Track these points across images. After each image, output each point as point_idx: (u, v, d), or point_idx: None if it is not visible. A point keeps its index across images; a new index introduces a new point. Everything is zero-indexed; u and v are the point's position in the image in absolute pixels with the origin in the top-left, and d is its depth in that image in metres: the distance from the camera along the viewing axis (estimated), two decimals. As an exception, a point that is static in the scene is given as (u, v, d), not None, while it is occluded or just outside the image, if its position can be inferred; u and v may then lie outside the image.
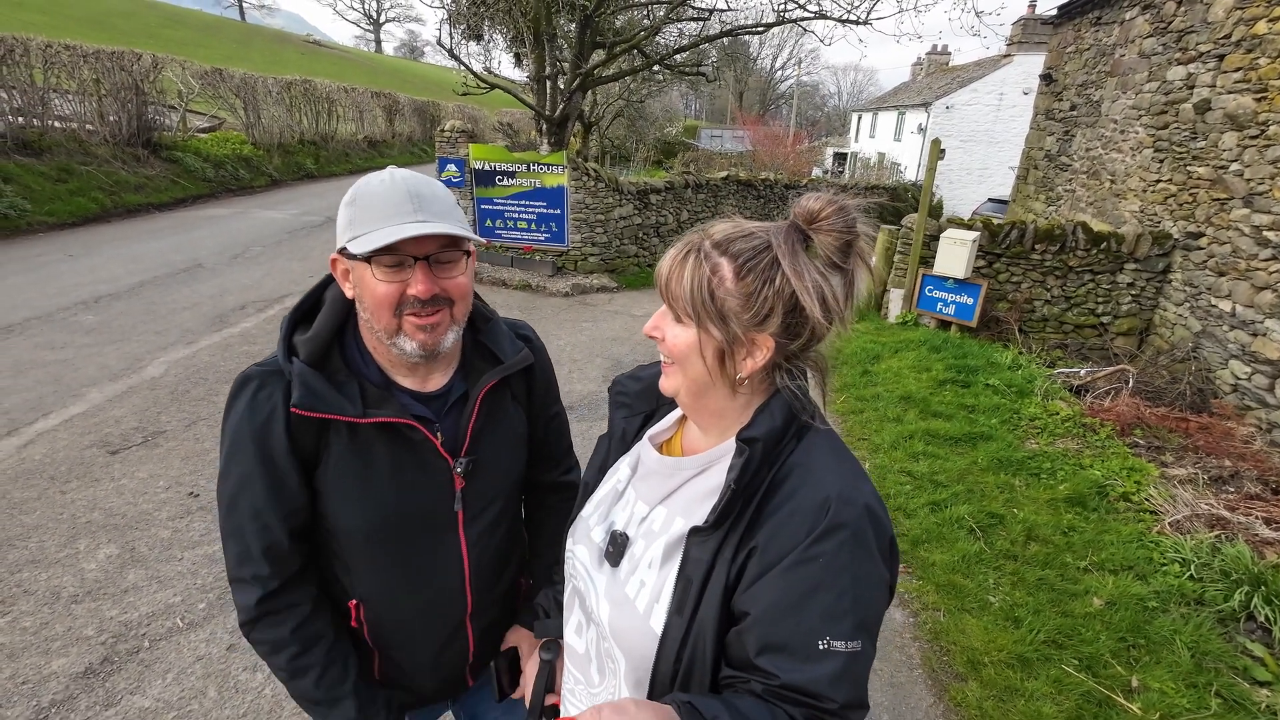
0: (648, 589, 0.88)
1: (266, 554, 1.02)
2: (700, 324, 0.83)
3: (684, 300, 0.83)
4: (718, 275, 0.82)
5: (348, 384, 1.03)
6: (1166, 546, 3.32)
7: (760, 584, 0.79)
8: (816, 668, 0.74)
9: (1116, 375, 5.96)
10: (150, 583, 2.89)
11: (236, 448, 1.01)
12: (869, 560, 0.79)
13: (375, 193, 0.98)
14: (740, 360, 0.85)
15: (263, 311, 6.55)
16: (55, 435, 4.00)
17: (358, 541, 1.08)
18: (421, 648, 1.18)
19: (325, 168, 17.72)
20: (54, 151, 10.66)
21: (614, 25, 13.18)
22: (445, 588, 1.15)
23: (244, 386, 1.03)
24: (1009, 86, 22.99)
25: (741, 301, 0.82)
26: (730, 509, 0.82)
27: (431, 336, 1.01)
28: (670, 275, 0.84)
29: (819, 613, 0.76)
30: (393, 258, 0.96)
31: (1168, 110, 7.09)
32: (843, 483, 0.81)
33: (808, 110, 53.02)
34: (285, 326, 1.06)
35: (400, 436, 1.05)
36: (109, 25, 27.46)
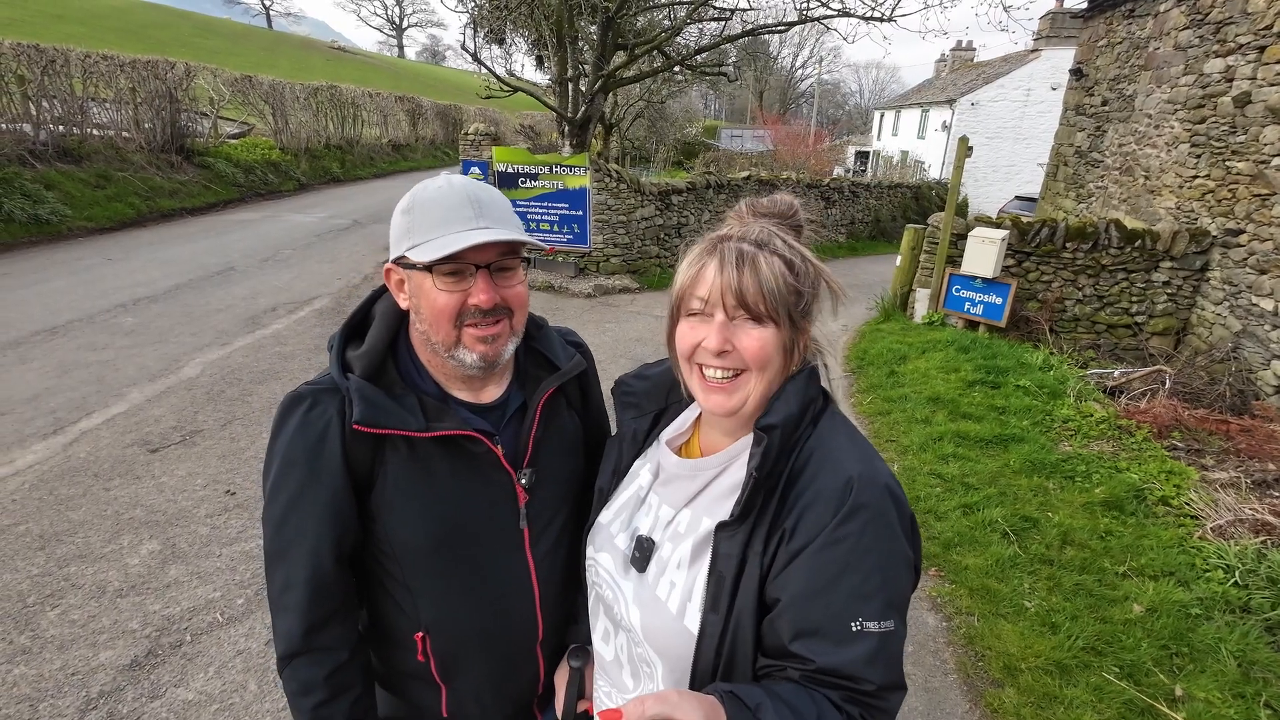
0: (679, 589, 0.88)
1: (311, 582, 0.97)
2: (780, 322, 0.85)
3: (766, 300, 0.83)
4: (781, 271, 0.84)
5: (406, 398, 0.99)
6: (1209, 552, 3.23)
7: (790, 569, 0.80)
8: (850, 650, 0.75)
9: (1153, 376, 5.82)
10: (191, 578, 2.96)
11: (288, 466, 0.97)
12: (893, 539, 0.80)
13: (434, 199, 0.96)
14: (798, 352, 0.89)
15: (293, 313, 6.68)
16: (98, 434, 4.12)
17: (420, 561, 1.03)
18: (490, 677, 1.11)
19: (351, 171, 18.01)
20: (92, 159, 10.98)
21: (635, 26, 13.21)
22: (514, 611, 1.10)
23: (295, 405, 0.99)
24: (1036, 82, 22.55)
25: (797, 293, 0.86)
26: (754, 499, 0.83)
27: (492, 348, 0.99)
28: (742, 279, 0.83)
29: (848, 594, 0.77)
30: (454, 266, 0.93)
31: (1205, 104, 6.90)
32: (862, 464, 0.83)
33: (829, 109, 52.57)
34: (337, 342, 1.04)
35: (461, 450, 1.01)
36: (145, 35, 28.22)
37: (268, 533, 1.00)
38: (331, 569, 0.99)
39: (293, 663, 0.99)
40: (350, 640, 1.03)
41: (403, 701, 1.16)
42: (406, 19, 75.26)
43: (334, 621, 1.01)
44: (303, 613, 0.98)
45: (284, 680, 1.01)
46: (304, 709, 0.99)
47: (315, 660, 0.99)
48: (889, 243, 14.83)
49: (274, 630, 1.01)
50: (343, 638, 1.02)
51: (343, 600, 1.02)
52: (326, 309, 6.91)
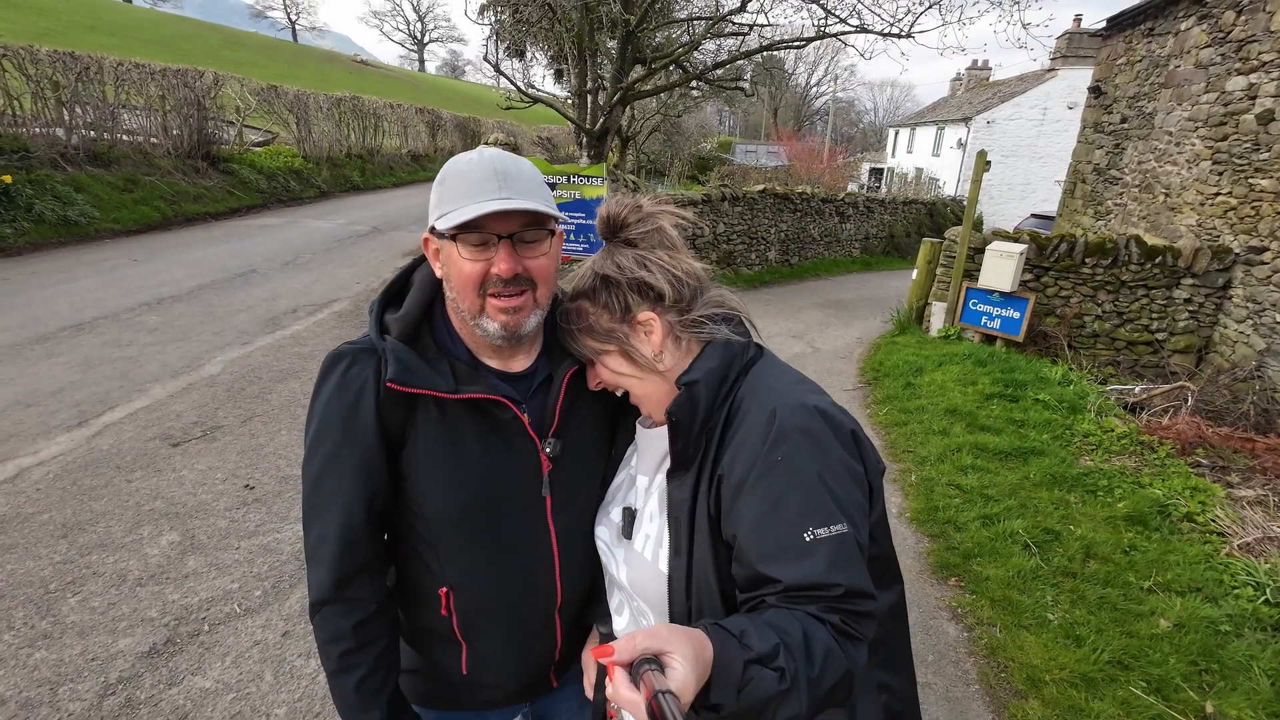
0: (651, 539, 0.98)
1: (343, 537, 1.01)
2: (599, 350, 1.01)
3: (579, 343, 1.03)
4: (582, 312, 1.02)
5: (438, 361, 1.03)
6: (1238, 569, 3.17)
7: (738, 504, 0.86)
8: (810, 561, 0.79)
9: (1175, 393, 5.74)
10: (209, 569, 2.98)
11: (325, 425, 1.01)
12: (827, 452, 0.85)
13: (462, 170, 0.98)
14: (643, 346, 0.98)
15: (313, 315, 6.76)
16: (121, 427, 4.17)
17: (447, 522, 1.06)
18: (509, 640, 1.15)
19: (370, 180, 18.27)
20: (121, 163, 11.22)
21: (654, 41, 13.36)
22: (535, 576, 1.12)
23: (335, 364, 1.03)
24: (1053, 101, 22.54)
25: (605, 311, 1.00)
26: (676, 444, 0.91)
27: (513, 319, 1.00)
28: (564, 341, 1.06)
29: (795, 510, 0.81)
30: (477, 236, 0.96)
31: (1227, 122, 6.86)
32: (786, 394, 0.90)
33: (843, 126, 52.74)
34: (376, 306, 1.07)
35: (489, 415, 1.04)
36: (175, 47, 28.92)
37: (306, 487, 1.04)
38: (362, 525, 1.03)
39: (323, 610, 1.04)
40: (378, 594, 1.07)
41: (426, 658, 1.19)
42: (428, 34, 76.66)
43: (363, 575, 1.05)
44: (334, 565, 1.02)
45: (315, 627, 1.06)
46: (332, 656, 1.04)
47: (344, 610, 1.04)
48: (903, 258, 14.79)
49: (308, 579, 1.05)
50: (371, 591, 1.06)
51: (372, 555, 1.06)
52: (346, 312, 6.98)
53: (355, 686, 1.04)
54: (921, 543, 3.54)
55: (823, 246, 13.52)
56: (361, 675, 1.04)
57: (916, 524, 3.72)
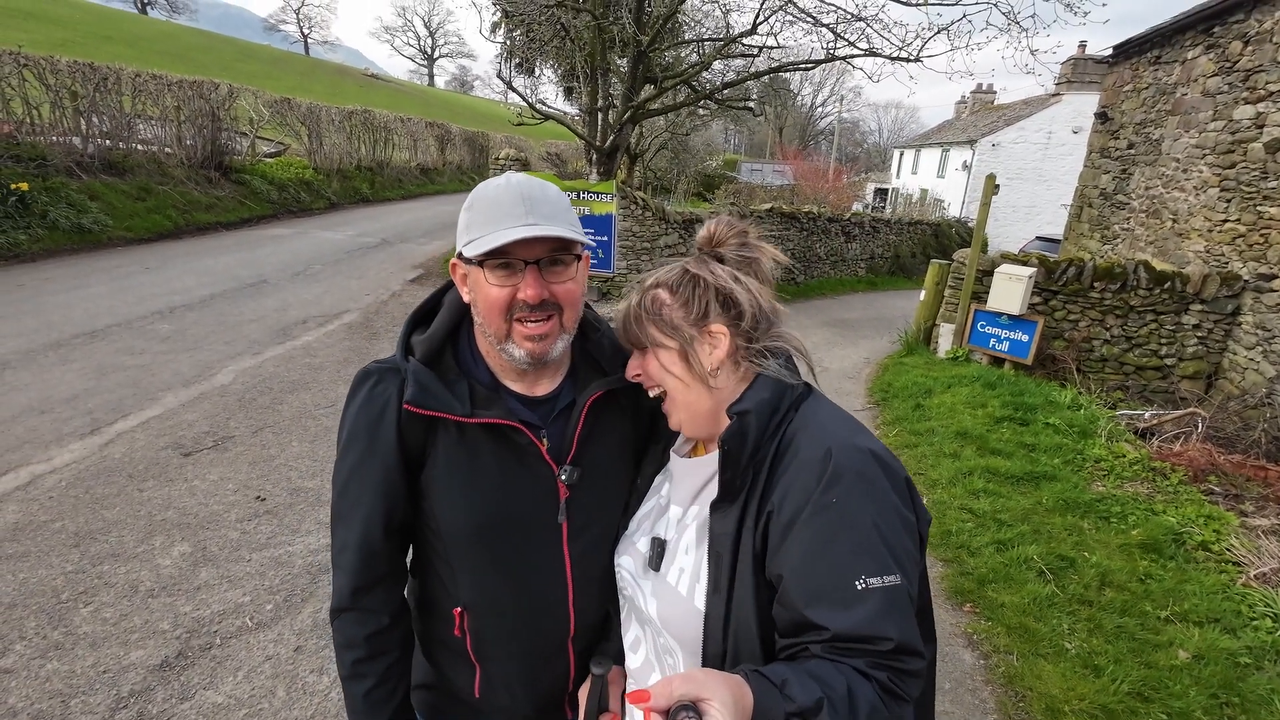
0: (687, 573, 0.94)
1: (361, 547, 1.04)
2: (659, 341, 0.98)
3: (642, 328, 0.99)
4: (658, 300, 0.99)
5: (458, 384, 1.04)
6: (1255, 599, 3.14)
7: (786, 543, 0.82)
8: (861, 609, 0.76)
9: (1185, 419, 5.72)
10: (221, 581, 2.97)
11: (352, 438, 1.05)
12: (883, 497, 0.82)
13: (489, 197, 1.00)
14: (704, 355, 0.96)
15: (323, 326, 6.78)
16: (134, 436, 4.18)
17: (462, 543, 1.08)
18: (521, 665, 1.14)
19: (380, 193, 18.43)
20: (135, 172, 11.34)
21: (664, 61, 13.53)
22: (548, 602, 1.12)
23: (364, 381, 1.06)
24: (1058, 125, 22.73)
25: (682, 308, 0.97)
26: (727, 471, 0.88)
27: (540, 346, 1.01)
28: (625, 320, 1.02)
29: (847, 554, 0.78)
30: (503, 261, 0.97)
31: (1235, 149, 6.91)
32: (841, 434, 0.87)
33: (848, 146, 53.15)
34: (405, 326, 1.10)
35: (506, 439, 1.05)
36: (189, 59, 29.35)
37: (334, 494, 1.08)
38: (380, 538, 1.05)
39: (340, 617, 1.08)
40: (392, 608, 1.10)
41: (441, 675, 1.20)
42: (438, 50, 77.72)
43: (379, 587, 1.08)
44: (352, 573, 1.06)
45: (334, 632, 1.10)
46: (345, 662, 1.08)
47: (359, 619, 1.07)
48: (909, 278, 14.83)
49: (332, 583, 1.09)
50: (385, 603, 1.09)
51: (389, 569, 1.09)
52: (355, 323, 7.01)
53: (364, 695, 1.07)
54: (935, 567, 3.52)
55: (829, 265, 13.58)
56: (370, 685, 1.07)
57: (930, 548, 3.69)
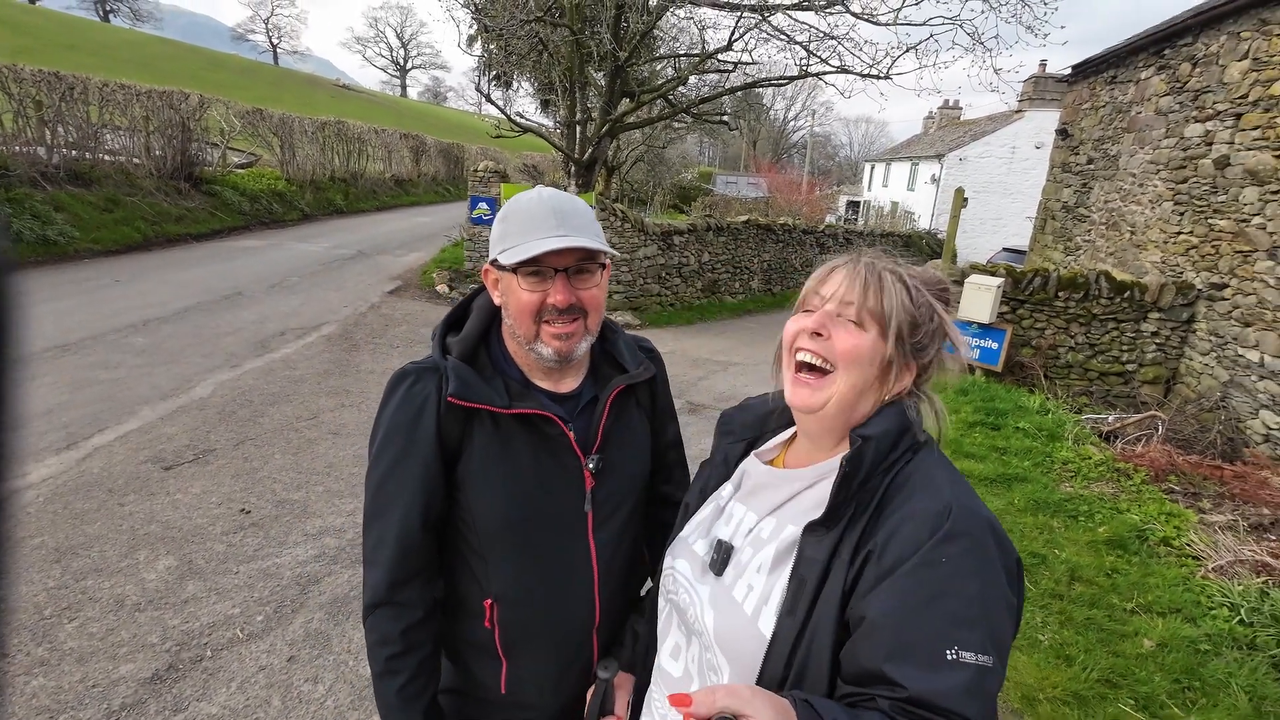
0: (756, 593, 0.87)
1: (399, 541, 1.08)
2: (884, 333, 0.88)
3: (876, 306, 0.88)
4: (899, 292, 0.90)
5: (494, 380, 1.12)
6: (1213, 590, 3.31)
7: (880, 588, 0.76)
8: (947, 678, 0.69)
9: (1146, 422, 5.98)
10: (209, 594, 2.94)
11: (390, 436, 1.09)
12: (995, 573, 0.76)
13: (524, 209, 1.09)
14: (896, 379, 0.90)
15: (302, 338, 6.73)
16: (112, 450, 4.11)
17: (495, 533, 1.13)
18: (549, 657, 1.19)
19: (354, 204, 18.29)
20: (102, 183, 11.12)
21: (641, 75, 13.73)
22: (576, 592, 1.17)
23: (401, 381, 1.11)
24: (1021, 140, 23.53)
25: (912, 321, 0.90)
26: (841, 496, 0.82)
27: (566, 345, 1.09)
28: (862, 283, 0.90)
29: (946, 619, 0.71)
30: (535, 268, 1.05)
31: (1187, 165, 7.28)
32: (963, 495, 0.81)
33: (820, 159, 54.21)
34: (440, 330, 1.18)
35: (538, 430, 1.11)
36: (156, 68, 28.83)
37: (369, 494, 1.12)
38: (419, 531, 1.10)
39: (376, 613, 1.10)
40: (427, 602, 1.13)
41: (466, 676, 1.23)
42: (411, 61, 77.44)
43: (416, 581, 1.11)
44: (390, 568, 1.09)
45: (366, 630, 1.12)
46: (380, 658, 1.10)
47: (395, 614, 1.10)
48: (882, 289, 15.17)
49: (364, 583, 1.12)
50: (421, 597, 1.12)
51: (425, 563, 1.13)
52: (335, 335, 6.96)
53: (398, 690, 1.09)
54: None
55: (804, 276, 13.27)
56: (404, 680, 1.09)
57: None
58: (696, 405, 6.13)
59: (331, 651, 2.66)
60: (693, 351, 8.05)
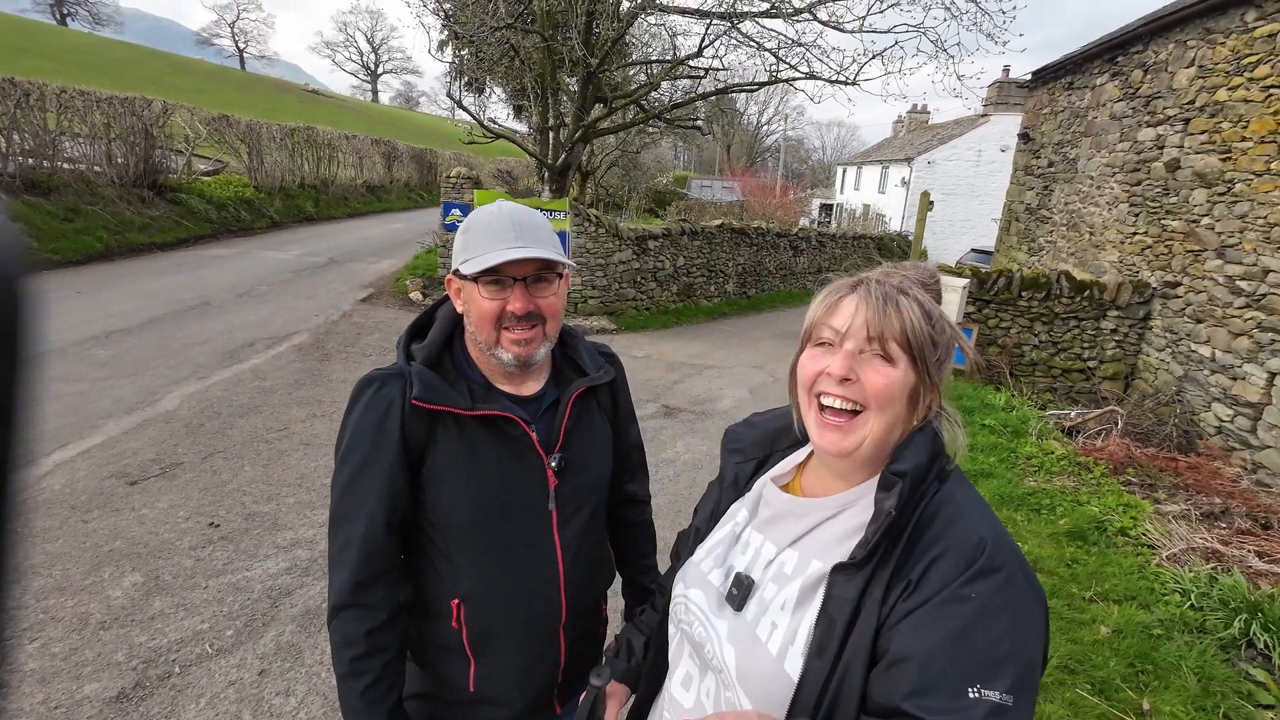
0: (781, 632, 0.83)
1: (365, 543, 1.11)
2: (912, 362, 0.83)
3: (902, 336, 0.83)
4: (920, 316, 0.84)
5: (457, 383, 1.16)
6: (1166, 578, 3.45)
7: (908, 621, 0.74)
8: (965, 716, 0.67)
9: (1106, 417, 6.17)
10: (177, 610, 2.90)
11: (356, 440, 1.13)
12: (1026, 611, 0.74)
13: (484, 222, 1.14)
14: (924, 404, 0.86)
15: (272, 348, 6.63)
16: (74, 466, 4.02)
17: (461, 533, 1.17)
18: (516, 654, 1.22)
19: (325, 211, 18.03)
20: (62, 192, 10.82)
21: (614, 81, 13.80)
22: (542, 590, 1.21)
23: (367, 386, 1.15)
24: (987, 144, 24.11)
25: (932, 342, 0.84)
26: (881, 542, 0.78)
27: (525, 350, 1.15)
28: (884, 313, 0.83)
29: (971, 655, 0.70)
30: (495, 278, 1.11)
31: (1140, 168, 7.55)
32: (996, 528, 0.79)
33: (793, 163, 54.87)
34: (404, 337, 1.23)
35: (501, 431, 1.16)
36: (117, 73, 28.14)
37: (335, 498, 1.15)
38: (383, 533, 1.13)
39: (340, 615, 1.12)
40: (392, 604, 1.16)
41: (434, 678, 1.26)
42: (382, 66, 76.63)
43: (380, 583, 1.14)
44: (354, 568, 1.11)
45: (331, 632, 1.14)
46: (344, 660, 1.12)
47: (359, 615, 1.12)
48: (854, 290, 15.40)
49: (329, 585, 1.14)
50: (385, 599, 1.14)
51: (389, 565, 1.16)
52: (306, 344, 6.88)
53: (362, 692, 1.11)
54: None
55: (778, 279, 13.99)
56: (369, 681, 1.11)
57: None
58: (673, 409, 6.18)
59: (303, 664, 2.64)
60: (669, 355, 8.11)
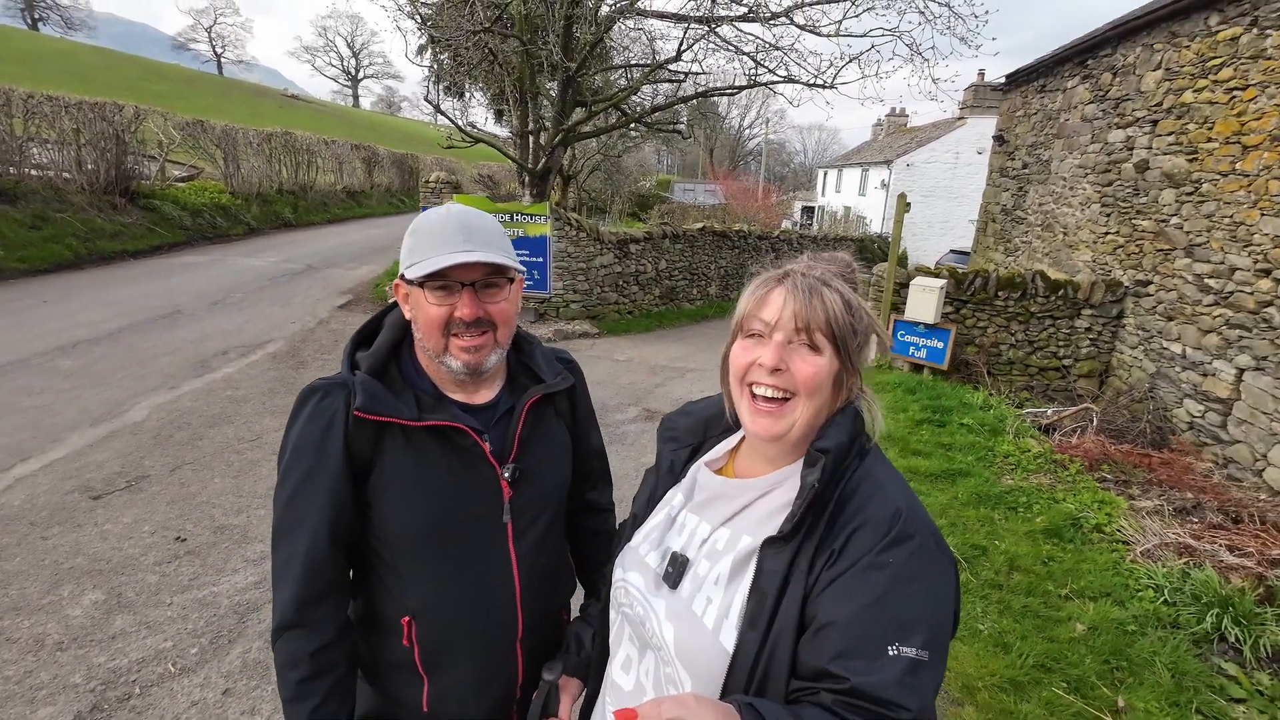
0: (715, 606, 0.87)
1: (308, 559, 1.06)
2: (836, 350, 0.89)
3: (828, 327, 0.88)
4: (842, 306, 0.89)
5: (404, 393, 1.12)
6: (1140, 574, 3.47)
7: (831, 589, 0.80)
8: (887, 672, 0.73)
9: (1081, 414, 6.24)
10: (139, 628, 2.81)
11: (298, 452, 1.08)
12: (938, 576, 0.81)
13: (430, 225, 1.10)
14: (847, 387, 0.92)
15: (245, 356, 6.51)
16: (35, 480, 3.90)
17: (411, 547, 1.12)
18: (471, 670, 1.17)
19: (304, 217, 17.82)
20: (29, 199, 10.59)
21: (593, 85, 13.78)
22: (497, 604, 1.16)
23: (310, 397, 1.10)
24: (964, 146, 24.42)
25: (852, 330, 0.90)
26: (806, 517, 0.83)
27: (475, 357, 1.10)
28: (810, 306, 0.88)
29: (889, 617, 0.76)
30: (442, 282, 1.06)
31: (1111, 169, 7.67)
32: (910, 500, 0.86)
33: (775, 166, 55.26)
34: (349, 345, 1.17)
35: (451, 443, 1.11)
36: (89, 79, 27.62)
37: (277, 512, 1.09)
38: (327, 547, 1.08)
39: (285, 635, 1.07)
40: (338, 622, 1.11)
41: (385, 696, 1.21)
42: (362, 70, 76.06)
43: (325, 600, 1.09)
44: (298, 584, 1.06)
45: (275, 653, 1.08)
46: (289, 682, 1.06)
47: (304, 635, 1.07)
48: (836, 292, 15.51)
49: (273, 603, 1.08)
50: (331, 617, 1.10)
51: (335, 580, 1.11)
52: (281, 352, 6.76)
53: (309, 715, 1.05)
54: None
55: None
56: (316, 703, 1.06)
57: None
58: (654, 412, 6.15)
59: (270, 681, 2.57)
60: (651, 359, 8.09)
